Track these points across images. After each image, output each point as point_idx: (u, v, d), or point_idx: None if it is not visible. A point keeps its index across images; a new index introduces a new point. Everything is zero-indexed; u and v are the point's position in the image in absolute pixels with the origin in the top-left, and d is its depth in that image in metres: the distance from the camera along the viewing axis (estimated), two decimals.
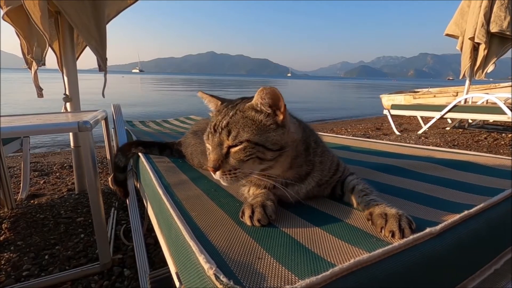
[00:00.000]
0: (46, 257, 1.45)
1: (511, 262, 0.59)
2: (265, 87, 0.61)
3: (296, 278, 0.41)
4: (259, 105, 0.63)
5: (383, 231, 0.53)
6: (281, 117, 0.64)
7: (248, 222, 0.59)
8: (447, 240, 0.49)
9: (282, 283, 0.40)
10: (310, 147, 0.72)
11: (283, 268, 0.43)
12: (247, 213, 0.61)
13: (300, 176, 0.70)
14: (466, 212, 0.54)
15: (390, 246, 0.44)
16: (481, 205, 0.57)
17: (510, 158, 0.95)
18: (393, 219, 0.53)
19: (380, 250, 0.43)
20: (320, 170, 0.73)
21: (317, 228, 0.57)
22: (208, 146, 0.66)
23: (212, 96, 0.74)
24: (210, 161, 0.62)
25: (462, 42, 5.00)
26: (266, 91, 0.61)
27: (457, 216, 0.53)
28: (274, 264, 0.45)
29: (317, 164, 0.72)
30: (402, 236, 0.50)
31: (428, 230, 0.48)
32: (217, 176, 0.63)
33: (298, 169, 0.70)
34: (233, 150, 0.61)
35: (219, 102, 0.72)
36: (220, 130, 0.63)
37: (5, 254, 1.48)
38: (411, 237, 0.47)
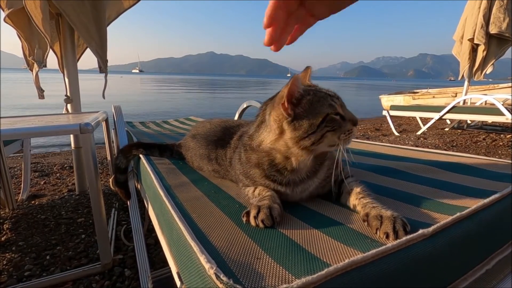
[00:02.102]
0: (48, 257, 1.47)
1: (502, 263, 0.61)
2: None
3: (293, 277, 0.42)
4: None
5: (378, 232, 0.55)
6: None
7: (252, 222, 0.60)
8: (439, 241, 0.51)
9: (280, 282, 0.41)
10: None
11: (281, 267, 0.45)
12: (253, 213, 0.62)
13: (316, 167, 0.74)
14: (458, 214, 0.56)
15: (383, 247, 0.46)
16: (473, 207, 0.59)
17: (504, 160, 0.97)
18: (388, 221, 0.55)
19: (374, 251, 0.45)
20: (329, 158, 0.77)
21: (314, 229, 0.59)
22: (343, 112, 0.70)
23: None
24: (356, 119, 0.70)
25: (461, 45, 5.03)
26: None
27: (449, 218, 0.55)
28: (272, 264, 0.46)
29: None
30: (396, 237, 0.52)
31: (420, 231, 0.50)
32: (355, 130, 0.70)
33: (318, 156, 0.74)
34: None
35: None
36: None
37: (6, 254, 1.49)
38: (404, 238, 0.49)
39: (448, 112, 4.40)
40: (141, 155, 1.24)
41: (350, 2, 0.52)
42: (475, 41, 4.60)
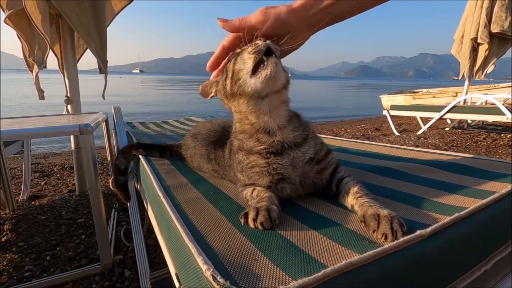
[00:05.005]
0: (48, 258, 1.47)
1: (501, 263, 0.60)
2: None
3: (290, 278, 0.42)
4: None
5: (375, 233, 0.54)
6: None
7: (251, 225, 0.60)
8: (437, 242, 0.51)
9: (276, 284, 0.41)
10: (300, 115, 0.80)
11: (278, 269, 0.45)
12: (251, 215, 0.61)
13: (298, 142, 0.74)
14: (456, 214, 0.56)
15: (381, 248, 0.46)
16: (471, 207, 0.58)
17: (504, 160, 0.97)
18: (385, 221, 0.54)
19: (371, 252, 0.45)
20: (315, 138, 0.77)
21: (311, 230, 0.59)
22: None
23: None
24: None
25: (461, 44, 5.02)
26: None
27: (447, 218, 0.55)
28: (269, 265, 0.46)
29: (311, 132, 0.78)
30: (395, 238, 0.51)
31: (418, 232, 0.49)
32: (261, 42, 0.67)
33: (295, 129, 0.74)
34: None
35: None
36: None
37: (7, 255, 1.49)
38: (401, 239, 0.48)
39: (448, 111, 4.40)
40: (140, 156, 1.24)
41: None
42: (479, 40, 4.58)
